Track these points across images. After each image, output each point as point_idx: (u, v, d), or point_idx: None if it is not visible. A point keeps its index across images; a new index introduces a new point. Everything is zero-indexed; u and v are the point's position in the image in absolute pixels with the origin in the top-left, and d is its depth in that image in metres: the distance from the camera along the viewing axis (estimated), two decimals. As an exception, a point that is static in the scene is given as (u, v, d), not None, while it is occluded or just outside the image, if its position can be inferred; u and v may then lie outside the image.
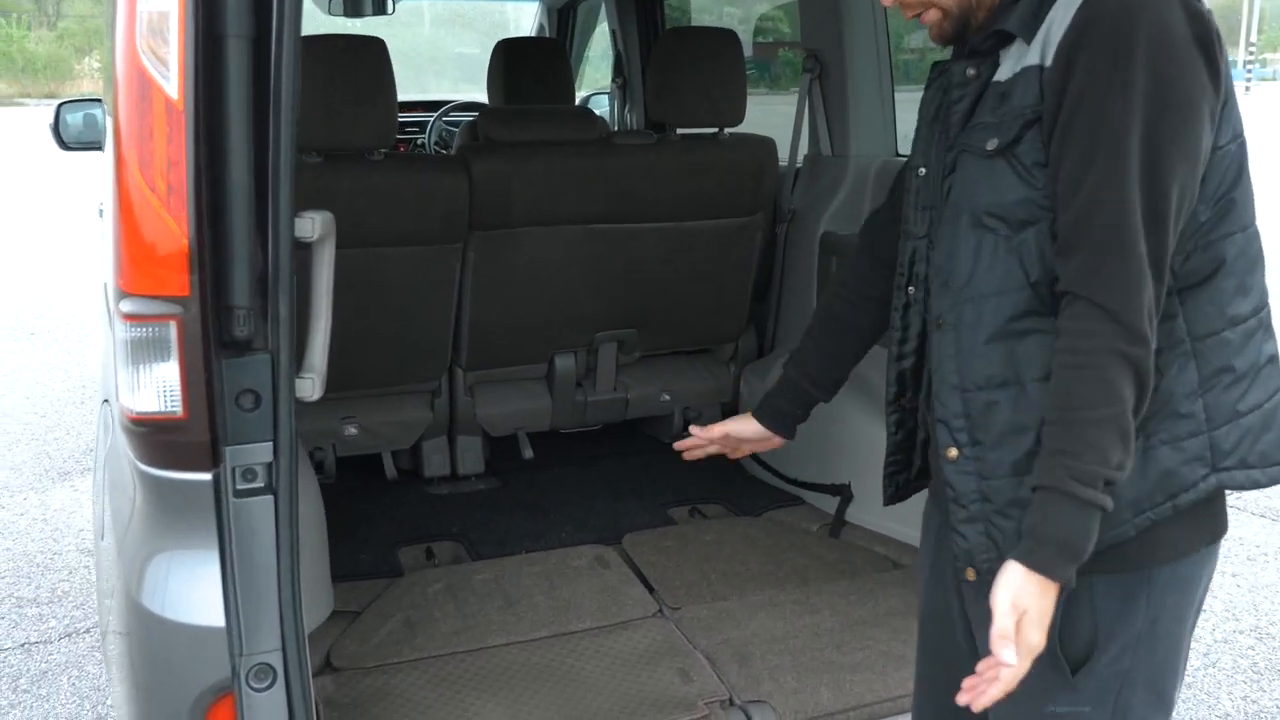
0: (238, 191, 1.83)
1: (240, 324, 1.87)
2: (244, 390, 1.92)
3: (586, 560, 3.23)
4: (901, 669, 2.72)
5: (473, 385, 3.85)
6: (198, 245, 1.78)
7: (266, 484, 1.97)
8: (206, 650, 1.86)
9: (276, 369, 1.93)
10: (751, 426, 2.21)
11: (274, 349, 1.92)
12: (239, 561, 1.96)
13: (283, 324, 1.91)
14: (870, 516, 3.43)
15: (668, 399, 4.12)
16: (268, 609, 1.98)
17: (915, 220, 1.78)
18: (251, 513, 1.95)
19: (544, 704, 2.57)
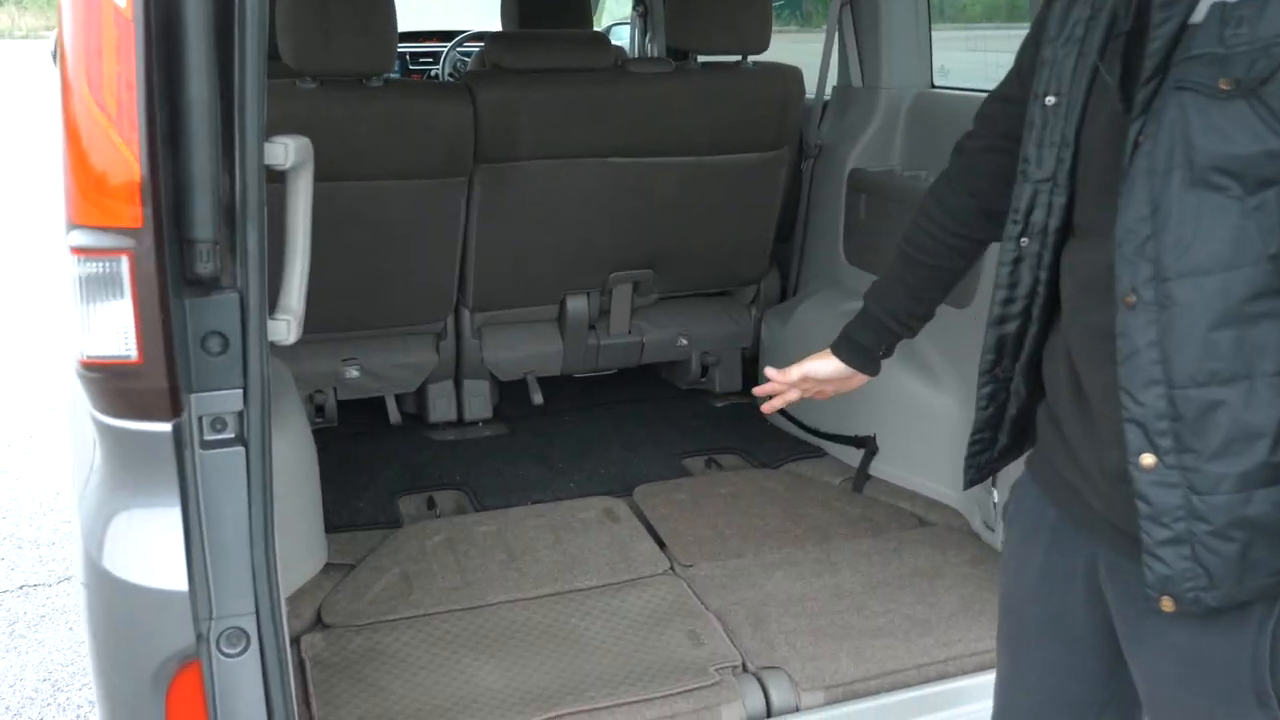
0: (198, 112, 1.64)
1: (203, 259, 1.70)
2: (210, 333, 1.75)
3: (595, 513, 3.07)
4: (926, 635, 2.56)
5: (480, 327, 3.68)
6: (151, 172, 1.59)
7: (237, 434, 1.81)
8: (168, 616, 1.71)
9: (246, 309, 1.76)
10: (831, 364, 2.03)
11: (243, 288, 1.75)
12: (208, 518, 1.80)
13: (252, 260, 1.74)
14: (895, 470, 3.25)
15: (685, 343, 3.93)
16: (239, 569, 1.83)
17: (1038, 159, 1.53)
18: (220, 466, 1.79)
19: (545, 667, 2.42)
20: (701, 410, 3.91)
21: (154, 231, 1.61)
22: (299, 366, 3.46)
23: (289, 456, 2.64)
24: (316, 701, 2.28)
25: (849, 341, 2.02)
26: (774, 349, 3.79)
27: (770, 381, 2.07)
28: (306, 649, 2.45)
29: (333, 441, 3.54)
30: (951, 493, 3.13)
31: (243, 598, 1.84)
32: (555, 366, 3.81)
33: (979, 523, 3.02)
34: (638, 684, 2.36)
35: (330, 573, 2.76)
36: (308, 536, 2.72)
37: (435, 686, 2.35)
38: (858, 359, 2.02)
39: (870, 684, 2.45)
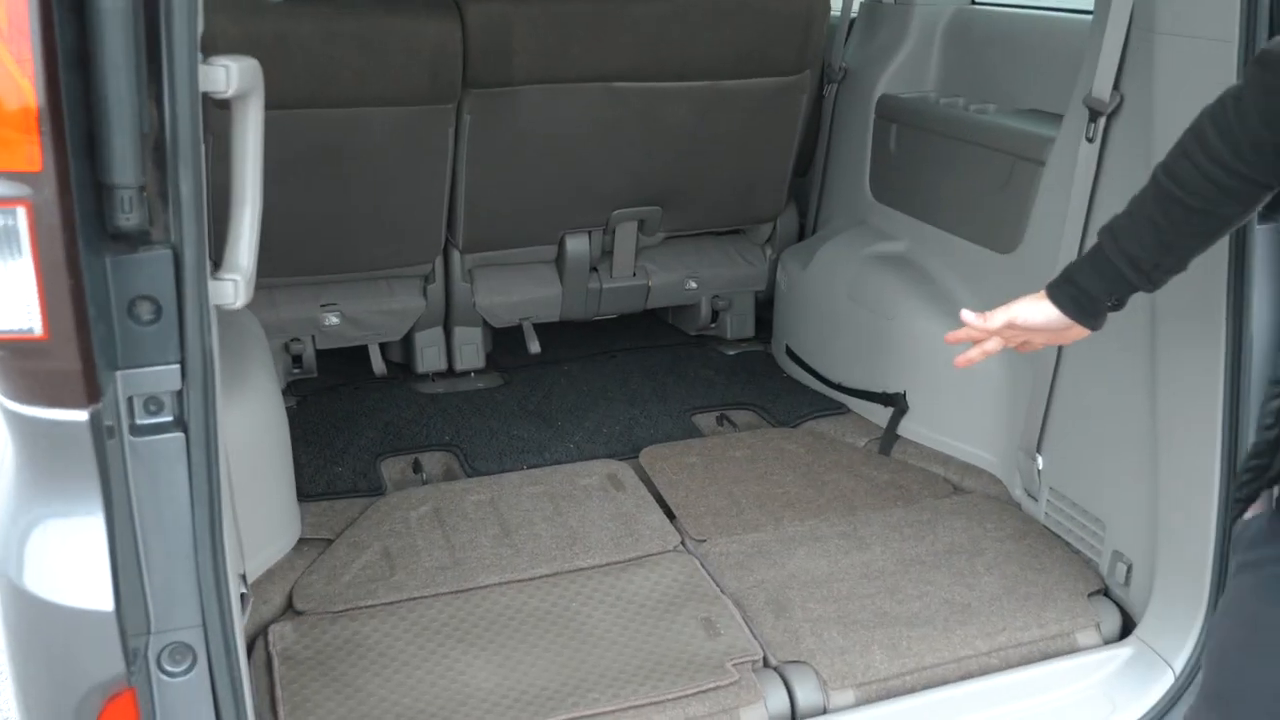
0: (111, 25, 1.32)
1: (125, 209, 1.39)
2: (139, 297, 1.46)
3: (597, 479, 2.79)
4: (967, 623, 2.29)
5: (471, 269, 3.36)
6: (51, 101, 1.28)
7: (175, 417, 1.52)
8: (89, 640, 1.43)
9: (181, 268, 1.46)
10: (1044, 312, 1.74)
11: (177, 242, 1.45)
12: (143, 518, 1.52)
13: (186, 208, 1.44)
14: (926, 431, 2.97)
15: (694, 287, 3.62)
16: (182, 576, 1.56)
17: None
18: (156, 455, 1.51)
19: (542, 662, 2.16)
20: (712, 359, 3.61)
21: (57, 176, 1.30)
22: (273, 313, 3.16)
23: (256, 421, 2.35)
24: (284, 706, 2.01)
25: (1071, 286, 1.72)
26: (791, 294, 3.48)
27: (966, 327, 1.81)
28: (275, 641, 2.18)
29: (311, 395, 3.25)
30: (989, 456, 2.85)
31: (187, 608, 1.57)
32: (553, 312, 3.50)
33: (1019, 491, 2.74)
34: (646, 682, 2.10)
35: (304, 550, 2.48)
36: (278, 510, 2.44)
37: (419, 686, 2.09)
38: (1079, 309, 1.72)
39: (906, 680, 2.19)
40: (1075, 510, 2.55)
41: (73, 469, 1.41)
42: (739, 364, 3.58)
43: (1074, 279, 1.73)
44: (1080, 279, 1.72)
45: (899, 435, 3.00)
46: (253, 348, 2.47)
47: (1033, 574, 2.46)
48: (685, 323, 3.81)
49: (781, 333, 3.56)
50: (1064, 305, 1.74)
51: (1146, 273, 1.65)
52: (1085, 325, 1.74)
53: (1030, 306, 1.77)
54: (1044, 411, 2.61)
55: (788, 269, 3.52)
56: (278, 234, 3.00)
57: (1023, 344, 1.84)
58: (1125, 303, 1.72)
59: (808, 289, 3.37)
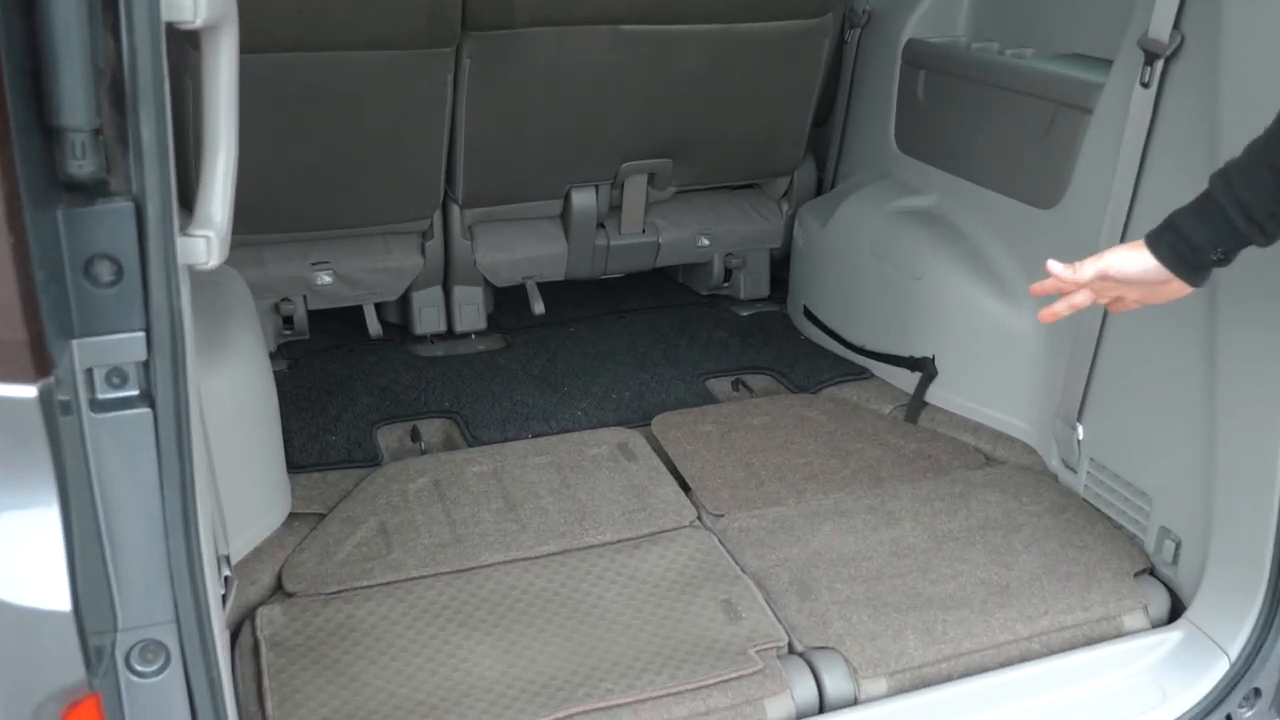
0: (57, -60, 1.14)
1: (78, 155, 1.21)
2: (96, 256, 1.28)
3: (607, 448, 2.62)
4: (1006, 605, 2.14)
5: (472, 225, 3.18)
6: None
7: (142, 391, 1.35)
8: (47, 642, 1.27)
9: (145, 223, 1.28)
10: (1142, 261, 1.59)
11: (139, 193, 1.27)
12: (106, 503, 1.36)
13: (149, 153, 1.26)
14: (956, 397, 2.80)
15: (706, 244, 3.44)
16: (152, 567, 1.39)
17: None
18: (120, 433, 1.34)
19: (550, 648, 2.00)
20: (725, 320, 3.43)
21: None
22: (261, 271, 2.98)
23: (240, 388, 2.18)
24: (271, 697, 1.86)
25: (1174, 235, 1.57)
26: (809, 251, 3.30)
27: (1052, 278, 1.66)
28: (262, 626, 2.02)
29: (303, 358, 3.08)
30: (1023, 425, 2.68)
31: (158, 602, 1.41)
32: (558, 271, 3.32)
33: (1056, 461, 2.58)
34: (664, 671, 1.95)
35: (294, 525, 2.32)
36: (265, 483, 2.27)
37: (419, 675, 1.93)
38: (1182, 261, 1.56)
39: (942, 668, 2.04)
40: (1118, 483, 2.39)
41: (22, 451, 1.24)
42: (754, 325, 3.41)
43: (1176, 226, 1.58)
44: (1184, 226, 1.57)
45: (926, 402, 2.83)
46: (237, 309, 2.30)
47: (1074, 551, 2.30)
48: (697, 282, 3.63)
49: (799, 292, 3.38)
50: (1163, 255, 1.58)
51: (1260, 223, 1.50)
52: (1186, 280, 1.59)
53: (1126, 256, 1.61)
54: (1086, 378, 2.44)
55: (806, 225, 3.33)
56: (265, 188, 2.82)
57: (1115, 301, 1.69)
58: (1233, 257, 1.56)
59: (828, 246, 3.19)
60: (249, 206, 2.97)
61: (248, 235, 2.96)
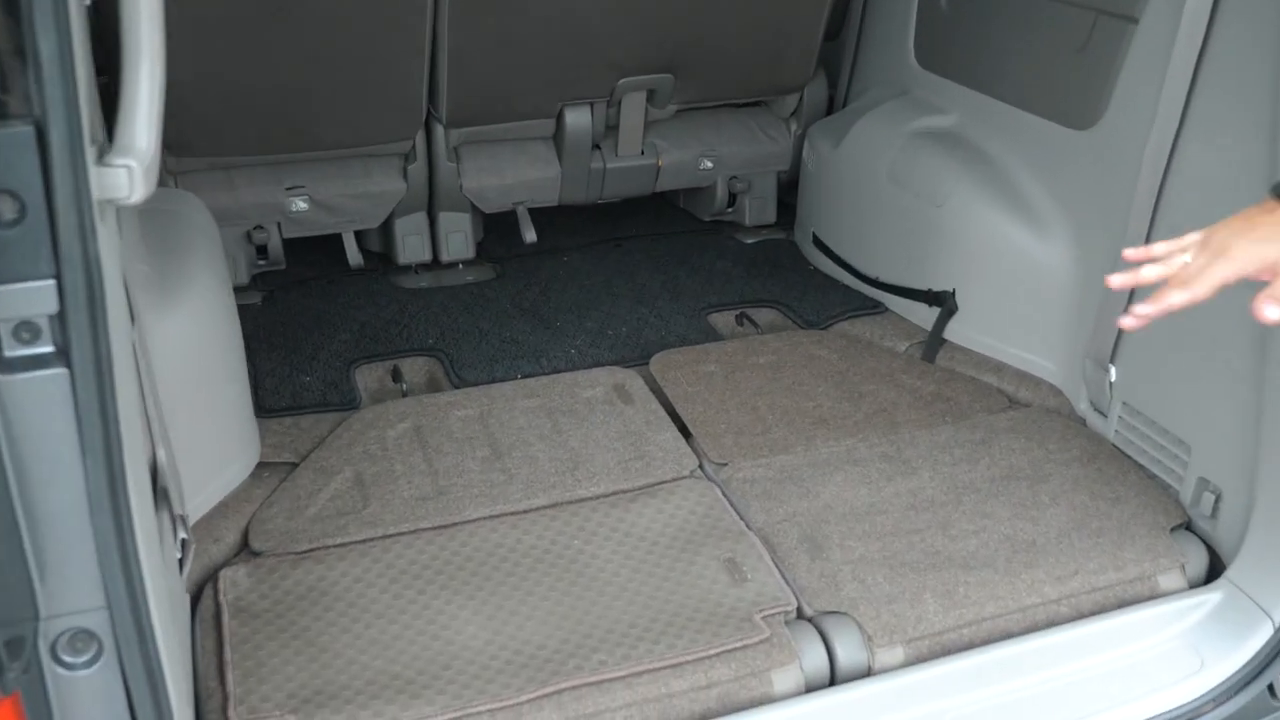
0: None
1: (-42, 69, 1.01)
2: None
3: (602, 390, 2.44)
4: (1033, 565, 1.98)
5: (457, 147, 2.96)
6: None
7: (57, 347, 1.16)
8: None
9: (47, 150, 1.08)
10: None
11: (40, 115, 1.08)
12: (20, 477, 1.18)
13: (49, 68, 1.06)
14: (977, 335, 2.61)
15: (709, 166, 3.22)
16: (77, 547, 1.22)
17: None
18: (32, 397, 1.16)
19: (540, 614, 1.84)
20: (729, 249, 3.23)
21: None
22: (231, 197, 2.77)
23: (200, 327, 1.99)
24: (233, 671, 1.70)
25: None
26: (819, 175, 3.08)
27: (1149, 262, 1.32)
28: (225, 589, 1.86)
29: (279, 290, 2.89)
30: (1049, 365, 2.50)
31: (86, 587, 1.24)
32: (551, 195, 3.11)
33: (1085, 405, 2.40)
34: (662, 640, 1.79)
35: (263, 476, 2.15)
36: (230, 431, 2.09)
37: (396, 644, 1.77)
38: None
39: (963, 634, 1.89)
40: (1153, 430, 2.21)
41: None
42: (759, 254, 3.20)
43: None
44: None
45: (945, 339, 2.64)
46: (197, 242, 2.10)
47: (1105, 504, 2.13)
48: (698, 207, 3.42)
49: (807, 219, 3.17)
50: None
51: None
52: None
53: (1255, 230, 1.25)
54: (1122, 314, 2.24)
55: (816, 146, 3.11)
56: (232, 106, 2.60)
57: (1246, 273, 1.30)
58: None
59: (840, 170, 2.97)
60: (215, 126, 2.78)
61: (215, 158, 2.75)
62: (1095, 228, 2.33)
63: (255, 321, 2.68)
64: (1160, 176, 2.11)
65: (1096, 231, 2.32)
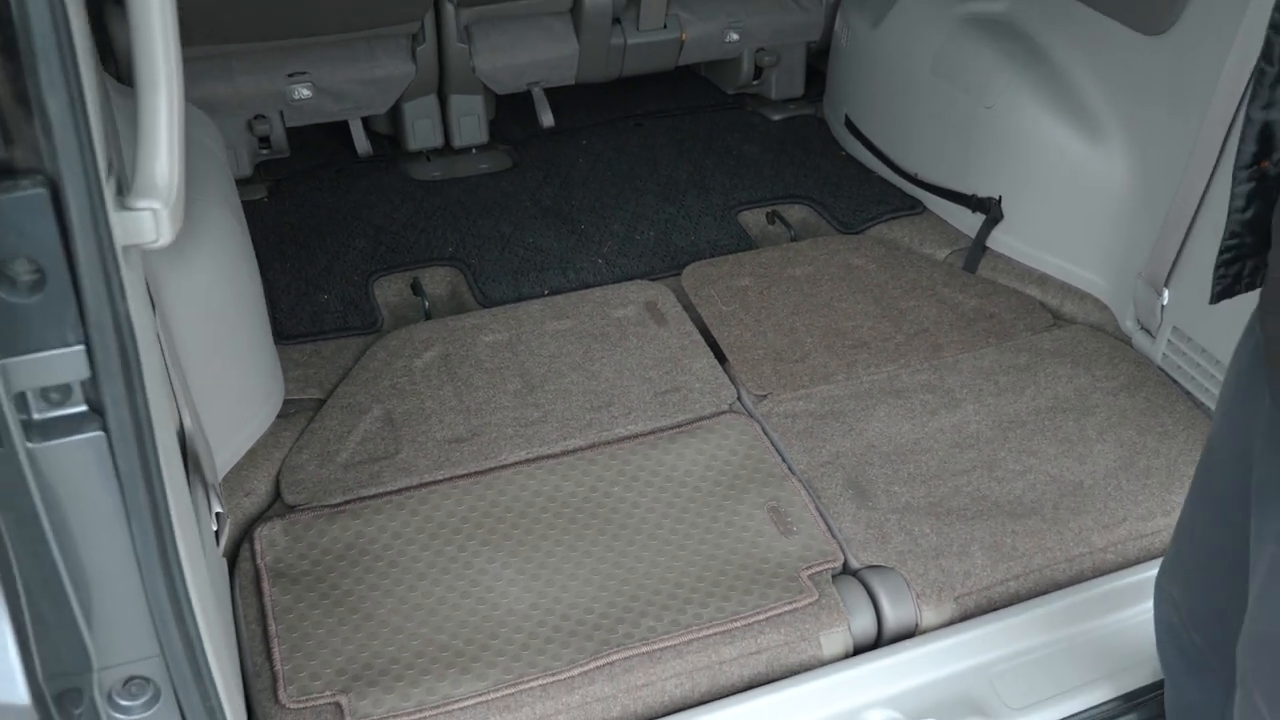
0: None
1: (-38, 140, 0.88)
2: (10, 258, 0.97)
3: (634, 309, 2.35)
4: (1081, 511, 1.95)
5: (469, 26, 2.77)
6: None
7: (91, 405, 1.07)
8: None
9: (64, 209, 0.97)
10: None
11: (53, 170, 0.96)
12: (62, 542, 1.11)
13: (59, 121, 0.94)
14: (1022, 245, 2.50)
15: (736, 39, 3.03)
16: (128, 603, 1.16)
17: None
18: (67, 464, 1.08)
19: (584, 572, 1.81)
20: (756, 128, 3.06)
21: None
22: (230, 86, 2.60)
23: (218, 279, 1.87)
24: (279, 644, 1.68)
25: None
26: (855, 53, 2.89)
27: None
28: (263, 550, 1.82)
29: (285, 183, 2.74)
30: (1097, 279, 2.41)
31: (139, 639, 1.19)
32: (568, 74, 2.93)
33: (1131, 323, 2.32)
34: (710, 602, 1.77)
35: (289, 415, 2.08)
36: (254, 376, 2.01)
37: (441, 609, 1.75)
38: None
39: (1009, 586, 1.87)
40: (1204, 358, 2.14)
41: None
42: (788, 134, 3.05)
43: None
44: None
45: (987, 248, 2.53)
46: (207, 171, 1.95)
47: (1154, 440, 2.08)
48: (723, 79, 3.24)
49: (839, 98, 3.00)
50: None
51: None
52: None
53: None
54: (1184, 236, 2.14)
55: (850, 20, 2.91)
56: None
57: None
58: None
59: (878, 52, 2.79)
60: (211, 10, 2.58)
61: (211, 45, 2.56)
62: (1160, 143, 2.19)
63: (263, 222, 2.55)
64: (1239, 96, 1.97)
65: (1161, 147, 2.19)
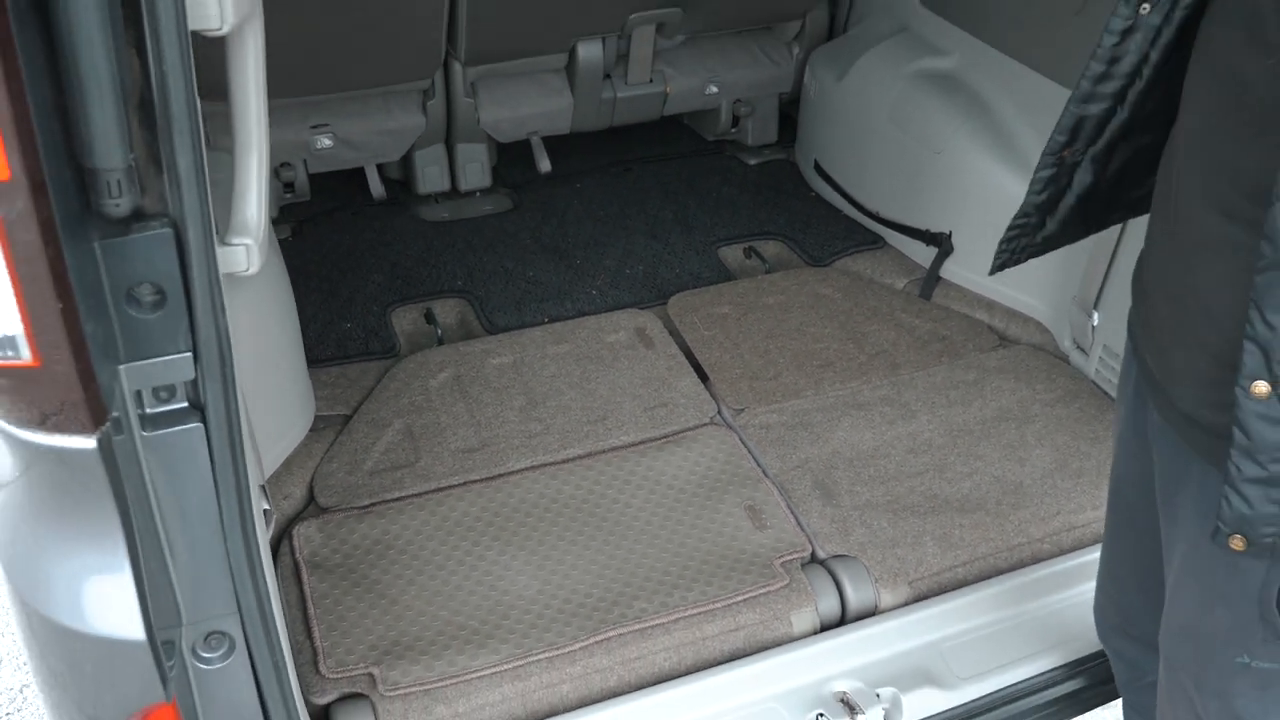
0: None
1: (113, 194, 1.15)
2: (139, 283, 1.23)
3: (625, 334, 2.62)
4: (1020, 506, 2.21)
5: (474, 82, 3.05)
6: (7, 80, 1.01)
7: (190, 402, 1.33)
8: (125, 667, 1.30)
9: (185, 246, 1.23)
10: None
11: (177, 215, 1.22)
12: (165, 514, 1.36)
13: (186, 179, 1.19)
14: (971, 275, 2.78)
15: (715, 91, 3.32)
16: (212, 568, 1.42)
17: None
18: (173, 449, 1.33)
19: (583, 562, 2.07)
20: (734, 172, 3.36)
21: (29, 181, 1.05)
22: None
23: (261, 300, 2.14)
24: (318, 625, 1.93)
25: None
26: (822, 103, 3.19)
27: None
28: (300, 546, 2.07)
29: (307, 225, 3.02)
30: (1037, 304, 2.69)
31: (220, 598, 1.44)
32: (564, 125, 3.21)
33: (1068, 342, 2.60)
34: (694, 587, 2.03)
35: (320, 429, 2.34)
36: (291, 393, 2.27)
37: (458, 594, 2.00)
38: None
39: (958, 572, 2.13)
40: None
41: (85, 493, 1.23)
42: (763, 178, 3.34)
43: None
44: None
45: (940, 277, 2.82)
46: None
47: (1086, 445, 2.36)
48: (703, 127, 3.53)
49: (809, 144, 3.29)
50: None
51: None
52: None
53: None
54: (1106, 266, 2.43)
55: (818, 74, 3.21)
56: None
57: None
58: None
59: (842, 103, 3.09)
60: None
61: None
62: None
63: (291, 259, 2.78)
64: (1149, 144, 2.26)
65: (1088, 187, 2.48)
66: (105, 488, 1.22)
